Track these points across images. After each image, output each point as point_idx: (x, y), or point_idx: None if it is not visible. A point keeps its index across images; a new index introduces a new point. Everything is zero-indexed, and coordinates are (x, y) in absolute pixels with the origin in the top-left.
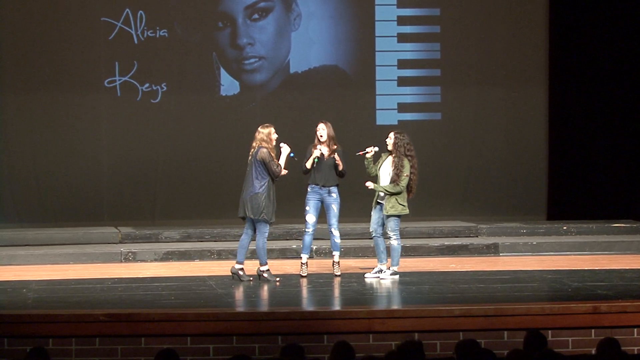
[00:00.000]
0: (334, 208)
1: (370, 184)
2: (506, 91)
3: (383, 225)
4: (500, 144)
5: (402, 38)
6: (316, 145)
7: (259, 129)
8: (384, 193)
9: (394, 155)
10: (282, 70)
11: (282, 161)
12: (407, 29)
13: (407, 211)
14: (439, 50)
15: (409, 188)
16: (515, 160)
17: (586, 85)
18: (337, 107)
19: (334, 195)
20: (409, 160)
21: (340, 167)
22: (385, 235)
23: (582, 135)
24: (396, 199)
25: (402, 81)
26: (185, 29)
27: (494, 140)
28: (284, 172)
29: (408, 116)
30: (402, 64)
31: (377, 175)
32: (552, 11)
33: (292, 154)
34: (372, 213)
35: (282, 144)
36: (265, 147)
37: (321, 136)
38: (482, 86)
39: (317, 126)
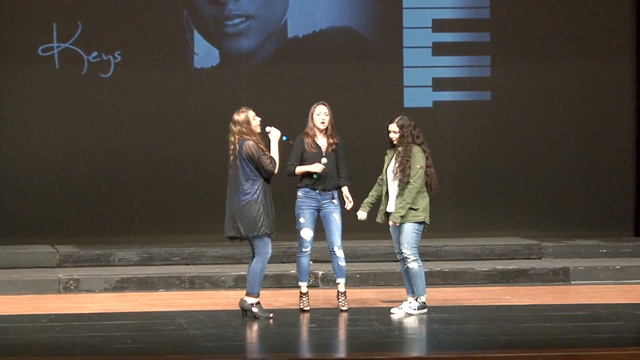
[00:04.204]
0: (336, 218)
1: (362, 215)
2: (579, 64)
3: None
4: (571, 135)
5: None
6: (314, 136)
7: (234, 117)
8: (404, 209)
9: (398, 146)
10: (277, 34)
11: (274, 152)
12: None
13: (424, 216)
14: (488, 6)
15: (428, 186)
16: (592, 157)
17: None
18: (351, 83)
19: (336, 201)
20: (422, 148)
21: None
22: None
23: None
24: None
25: (439, 49)
26: None
27: (563, 129)
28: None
29: (446, 96)
30: (439, 25)
31: (384, 180)
32: None
33: (284, 137)
34: (390, 229)
35: (268, 128)
36: (250, 139)
37: (322, 122)
38: (546, 57)
39: (313, 107)
